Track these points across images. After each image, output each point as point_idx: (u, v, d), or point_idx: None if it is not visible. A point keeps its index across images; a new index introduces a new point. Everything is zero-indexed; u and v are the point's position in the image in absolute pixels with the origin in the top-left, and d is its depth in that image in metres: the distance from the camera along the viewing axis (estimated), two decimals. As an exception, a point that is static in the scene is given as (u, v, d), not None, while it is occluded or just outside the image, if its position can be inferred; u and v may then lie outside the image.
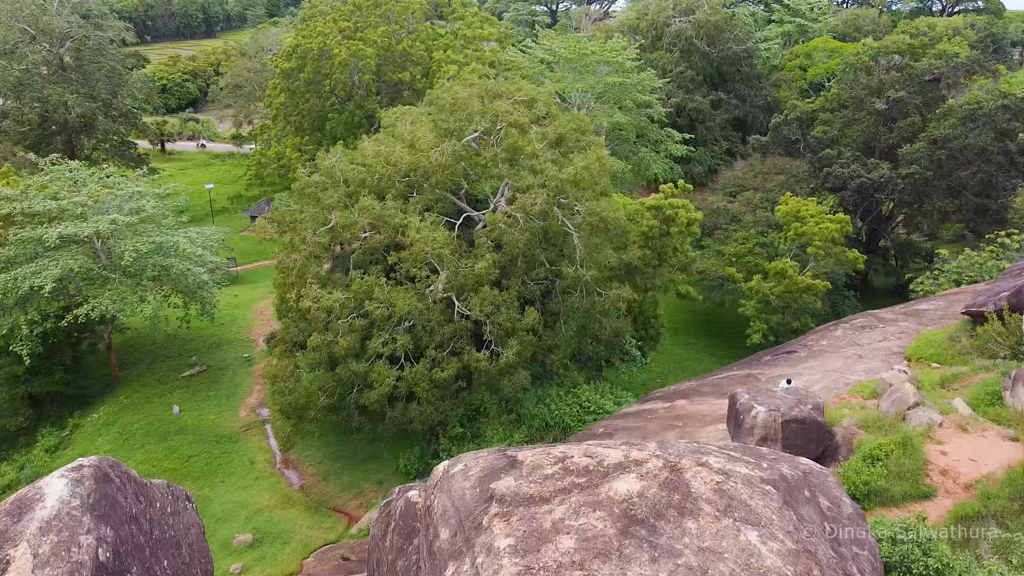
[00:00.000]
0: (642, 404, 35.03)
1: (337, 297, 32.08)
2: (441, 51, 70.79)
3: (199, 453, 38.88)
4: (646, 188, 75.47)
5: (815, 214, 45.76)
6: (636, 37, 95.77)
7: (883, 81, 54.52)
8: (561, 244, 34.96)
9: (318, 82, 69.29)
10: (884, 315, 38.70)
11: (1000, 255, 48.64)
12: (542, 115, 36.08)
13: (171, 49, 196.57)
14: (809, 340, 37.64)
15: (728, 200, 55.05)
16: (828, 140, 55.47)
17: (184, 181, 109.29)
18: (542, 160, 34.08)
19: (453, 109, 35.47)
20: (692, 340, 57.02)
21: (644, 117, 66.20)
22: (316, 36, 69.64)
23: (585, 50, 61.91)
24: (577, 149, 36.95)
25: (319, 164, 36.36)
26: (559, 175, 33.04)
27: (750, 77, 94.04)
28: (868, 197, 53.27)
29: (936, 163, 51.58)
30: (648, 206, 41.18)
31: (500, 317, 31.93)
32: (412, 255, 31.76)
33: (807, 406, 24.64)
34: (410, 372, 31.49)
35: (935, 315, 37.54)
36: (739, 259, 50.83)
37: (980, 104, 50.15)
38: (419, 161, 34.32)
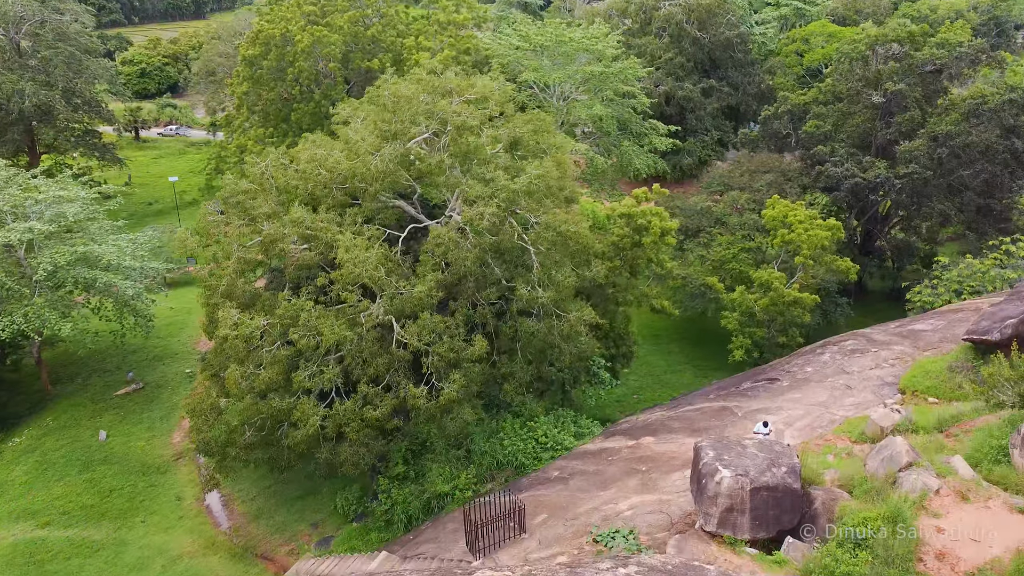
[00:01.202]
0: (605, 439, 31.45)
1: (257, 324, 28.39)
2: (413, 37, 66.62)
3: (122, 486, 35.38)
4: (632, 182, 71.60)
5: (803, 219, 42.00)
6: (625, 21, 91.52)
7: (880, 72, 50.54)
8: (516, 260, 31.24)
9: (282, 70, 65.17)
10: (877, 336, 35.06)
11: (1004, 263, 44.96)
12: (496, 115, 32.22)
13: (158, 31, 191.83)
14: (793, 365, 34.00)
15: (713, 200, 51.23)
16: (821, 136, 51.57)
17: (157, 171, 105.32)
18: (493, 167, 30.29)
19: (396, 108, 31.62)
20: (673, 349, 53.44)
21: (627, 108, 62.18)
22: (279, 21, 65.47)
23: (563, 37, 57.83)
24: (536, 153, 33.14)
25: (247, 170, 32.56)
26: (510, 185, 29.26)
27: (743, 63, 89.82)
28: (863, 198, 49.48)
29: (936, 161, 47.74)
30: (619, 213, 37.41)
31: (442, 347, 28.27)
32: (342, 277, 28.05)
33: (780, 469, 21.07)
34: (339, 410, 27.87)
35: (933, 338, 33.92)
36: (723, 265, 47.12)
37: (985, 98, 46.25)
38: (356, 168, 30.52)
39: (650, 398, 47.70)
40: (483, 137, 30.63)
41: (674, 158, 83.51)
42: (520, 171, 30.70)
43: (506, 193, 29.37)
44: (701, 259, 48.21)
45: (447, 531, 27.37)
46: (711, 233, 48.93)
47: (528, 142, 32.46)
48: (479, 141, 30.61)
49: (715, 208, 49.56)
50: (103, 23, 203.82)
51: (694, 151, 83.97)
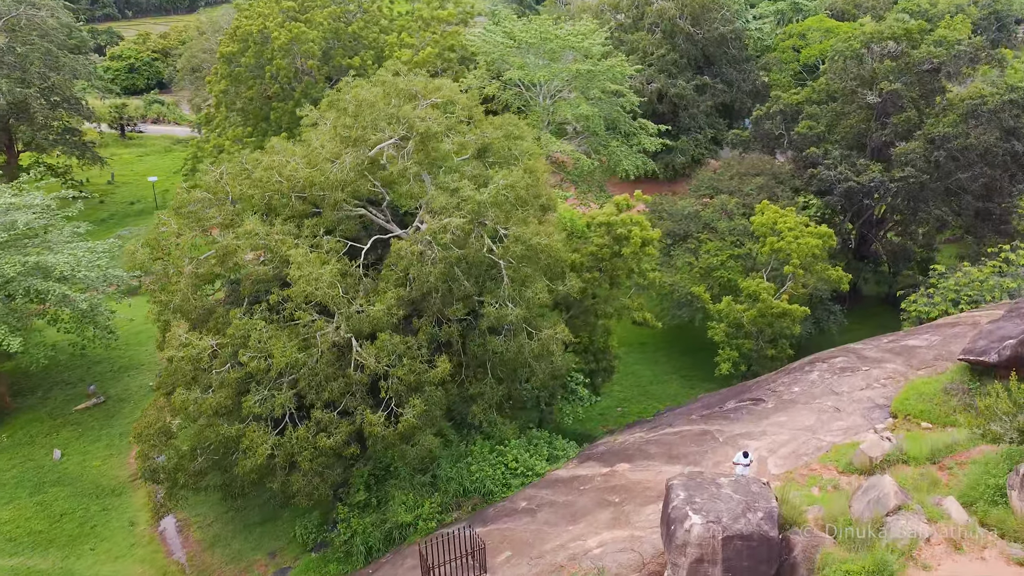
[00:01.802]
0: (579, 465, 29.66)
1: (205, 345, 26.57)
2: (395, 34, 64.70)
3: (74, 510, 33.63)
4: (623, 182, 69.68)
5: (793, 227, 40.12)
6: (617, 16, 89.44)
7: (876, 71, 48.61)
8: (485, 275, 29.41)
9: (260, 68, 63.26)
10: (868, 353, 33.24)
11: (1003, 271, 43.12)
12: (464, 119, 30.34)
13: (151, 25, 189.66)
14: (779, 384, 32.19)
15: (701, 204, 49.33)
16: (814, 137, 49.65)
17: (142, 169, 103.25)
18: (459, 176, 28.44)
19: (357, 113, 29.74)
20: (660, 358, 51.62)
21: (616, 107, 60.22)
22: (257, 17, 63.52)
23: (548, 34, 55.83)
24: (507, 159, 31.27)
25: (200, 178, 30.71)
26: (476, 196, 27.42)
27: (738, 60, 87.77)
28: (857, 202, 47.62)
29: (933, 164, 45.86)
30: (599, 222, 35.54)
31: (402, 369, 26.46)
32: (295, 295, 26.23)
33: (757, 514, 19.24)
34: (291, 437, 26.07)
35: (927, 355, 32.12)
36: (711, 273, 45.28)
37: (984, 98, 44.33)
38: (314, 176, 28.67)
39: (635, 411, 45.92)
40: (448, 144, 28.75)
41: (666, 157, 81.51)
42: (489, 180, 28.87)
43: (472, 204, 27.55)
44: (688, 266, 46.35)
45: (405, 567, 25.65)
46: (699, 239, 47.06)
47: (498, 148, 30.59)
48: (445, 148, 28.75)
49: (703, 212, 47.67)
50: (96, 17, 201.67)
51: (687, 150, 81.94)
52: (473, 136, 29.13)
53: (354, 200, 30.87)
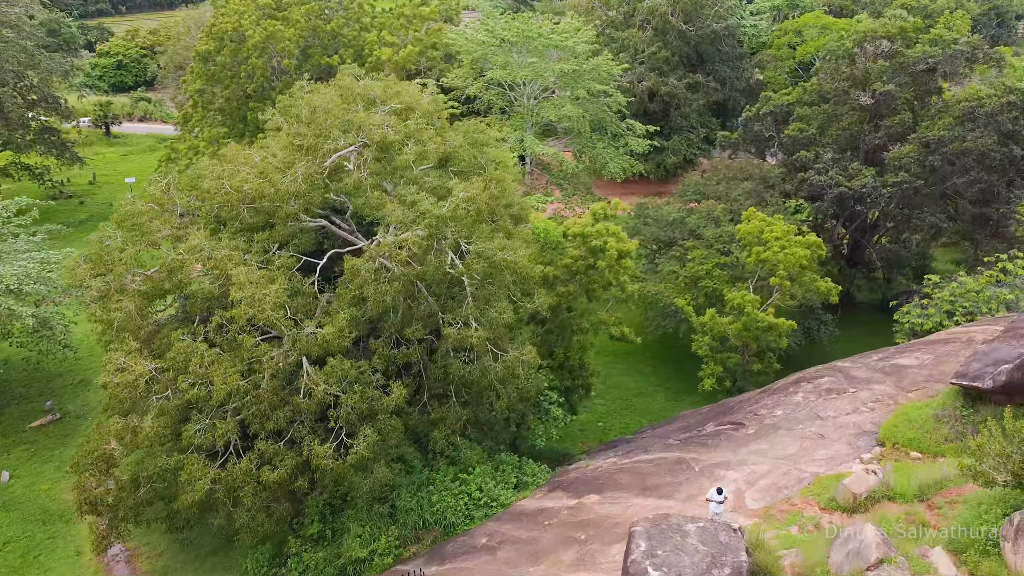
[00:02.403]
0: (547, 494, 27.87)
1: (142, 370, 24.77)
2: (375, 31, 62.79)
3: (18, 537, 31.87)
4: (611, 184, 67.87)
5: (780, 236, 38.27)
6: (608, 12, 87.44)
7: (869, 71, 46.70)
8: (446, 293, 27.59)
9: (237, 66, 61.33)
10: (856, 372, 31.44)
11: (1001, 280, 41.31)
12: (426, 125, 28.47)
13: (145, 20, 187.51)
14: (762, 407, 30.37)
15: (688, 209, 47.44)
16: (805, 140, 47.77)
17: (125, 168, 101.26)
18: (416, 189, 26.60)
19: (311, 120, 27.89)
20: (645, 369, 49.79)
21: (603, 107, 58.32)
22: (232, 15, 61.58)
23: (531, 32, 53.91)
24: (472, 169, 29.43)
25: (147, 189, 28.88)
26: (433, 210, 25.59)
27: (731, 57, 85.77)
28: (849, 208, 45.78)
29: (928, 169, 43.99)
30: (573, 233, 33.71)
31: (353, 397, 24.67)
32: (236, 317, 24.42)
33: (724, 570, 17.52)
34: (232, 471, 24.29)
35: (918, 375, 30.34)
36: (696, 282, 43.43)
37: (981, 100, 42.45)
38: (263, 188, 26.84)
39: (616, 426, 44.14)
40: (407, 152, 26.90)
41: (657, 157, 79.61)
42: (454, 189, 27.02)
43: (430, 219, 25.73)
44: (674, 275, 44.51)
45: (355, 611, 23.90)
46: (685, 246, 45.19)
47: (462, 157, 28.74)
48: (404, 158, 26.90)
49: (689, 219, 45.80)
50: (89, 12, 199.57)
51: (679, 150, 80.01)
52: (434, 144, 27.26)
53: (316, 210, 29.12)
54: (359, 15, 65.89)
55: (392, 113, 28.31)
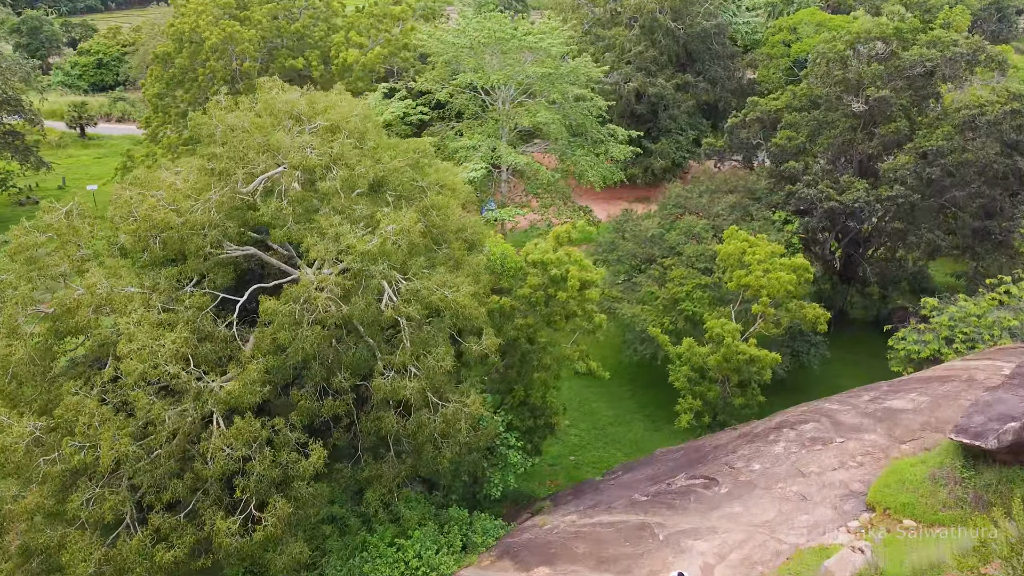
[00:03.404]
0: (494, 563, 24.67)
1: (21, 432, 21.58)
2: (343, 32, 59.48)
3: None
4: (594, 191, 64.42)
5: (764, 258, 35.04)
6: (594, 10, 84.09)
7: (862, 75, 43.40)
8: (380, 337, 24.38)
9: (195, 69, 58.09)
10: (844, 417, 28.28)
11: (1004, 302, 38.14)
12: (355, 146, 25.19)
13: (135, 17, 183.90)
14: (738, 458, 27.17)
15: (667, 225, 44.18)
16: (794, 149, 44.51)
17: (99, 172, 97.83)
18: (340, 221, 23.36)
19: (225, 141, 24.65)
20: (623, 393, 46.60)
21: (582, 112, 55.00)
22: (191, 14, 58.30)
23: (503, 34, 50.60)
24: (413, 194, 26.19)
25: (42, 216, 25.65)
26: (358, 245, 22.40)
27: (722, 56, 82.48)
28: (840, 223, 42.58)
29: (925, 182, 40.76)
30: (532, 260, 30.48)
31: (262, 463, 21.49)
32: (127, 372, 21.24)
33: None
34: (122, 549, 21.12)
35: (914, 422, 27.19)
36: (675, 305, 40.25)
37: (983, 108, 39.18)
38: (170, 219, 23.63)
39: (589, 460, 41.00)
40: (332, 178, 23.66)
41: (645, 160, 76.38)
42: (388, 218, 23.79)
43: (354, 255, 22.54)
44: (651, 296, 41.30)
45: None
46: (664, 264, 41.98)
47: (399, 181, 25.50)
48: (329, 184, 23.67)
49: (668, 235, 42.56)
50: (78, 9, 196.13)
51: (667, 153, 76.78)
52: (365, 167, 24.03)
53: (250, 234, 25.95)
54: (327, 15, 62.57)
55: (320, 131, 25.07)
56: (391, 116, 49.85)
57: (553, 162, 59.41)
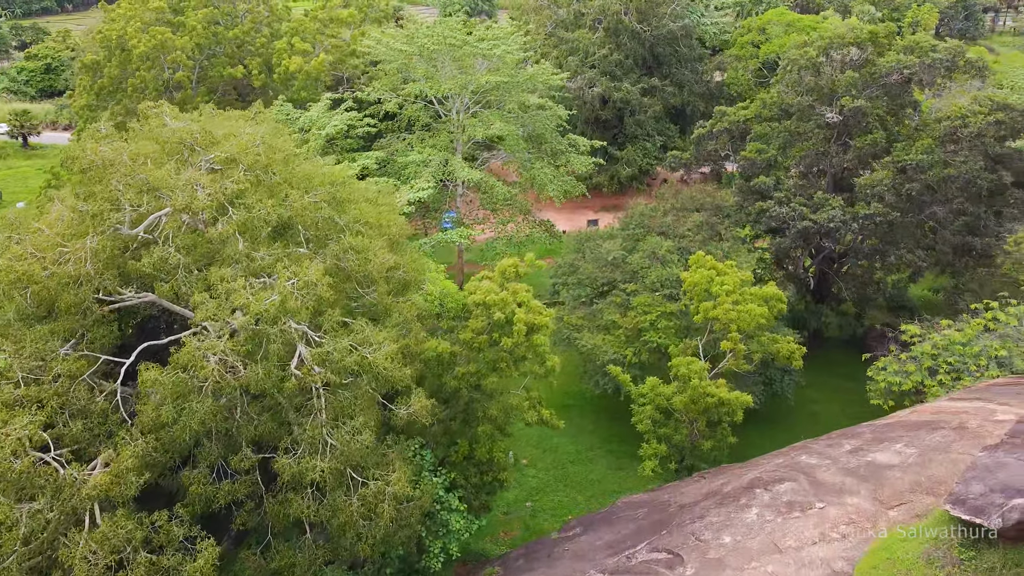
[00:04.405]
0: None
1: None
2: (286, 38, 55.65)
3: None
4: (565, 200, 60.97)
5: (733, 288, 31.94)
6: (558, 11, 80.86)
7: (836, 83, 40.53)
8: (289, 405, 20.86)
9: (125, 80, 54.03)
10: (824, 476, 25.24)
11: (990, 329, 35.43)
12: (255, 182, 21.61)
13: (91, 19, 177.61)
14: (706, 526, 23.98)
15: (630, 244, 40.99)
16: (764, 163, 41.54)
17: (39, 184, 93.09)
18: (235, 273, 19.81)
19: (101, 178, 20.99)
20: (586, 426, 43.38)
21: (541, 122, 51.67)
22: (119, 20, 54.25)
23: (454, 40, 47.13)
24: (331, 235, 22.66)
25: None
26: (253, 304, 18.88)
27: (689, 59, 79.75)
28: (815, 243, 39.69)
29: (904, 198, 37.96)
30: (474, 302, 27.08)
31: (136, 571, 17.90)
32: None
33: None
34: None
35: (901, 482, 24.23)
36: (639, 336, 37.12)
37: (965, 119, 36.44)
38: (33, 271, 19.94)
39: (547, 506, 37.74)
40: (224, 223, 20.08)
41: (611, 168, 73.43)
42: (295, 269, 20.26)
43: (248, 317, 19.02)
44: (614, 325, 38.12)
45: None
46: (626, 291, 38.81)
47: (311, 220, 21.96)
48: (224, 230, 20.09)
49: (631, 258, 39.37)
50: (33, 11, 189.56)
51: (634, 160, 73.86)
52: (267, 207, 20.52)
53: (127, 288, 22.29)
54: (270, 20, 58.72)
55: (218, 164, 21.50)
56: (334, 130, 46.20)
57: (514, 174, 56.13)
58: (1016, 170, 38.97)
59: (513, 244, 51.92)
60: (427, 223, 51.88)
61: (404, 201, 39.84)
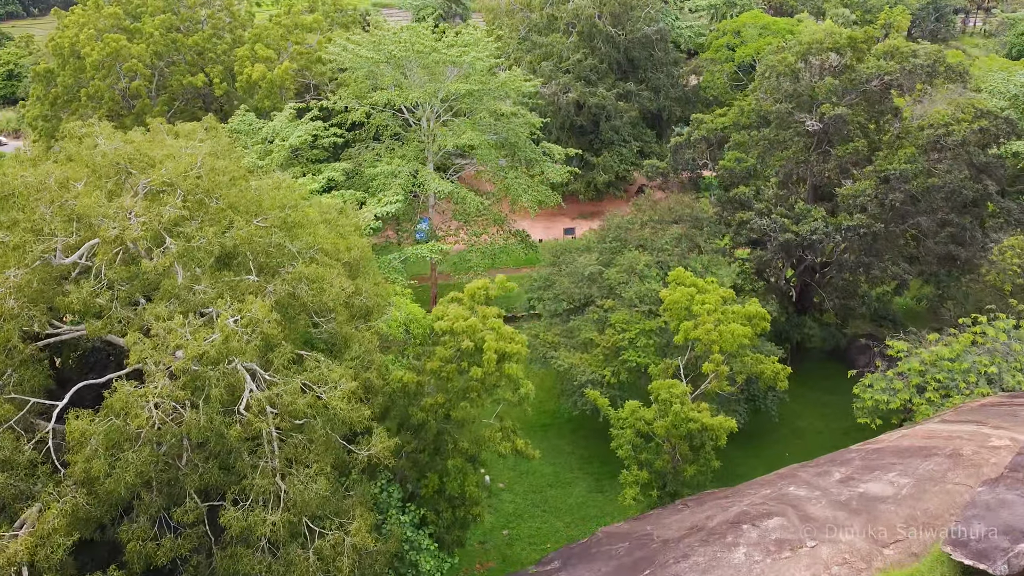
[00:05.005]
0: None
1: None
2: (248, 45, 53.65)
3: None
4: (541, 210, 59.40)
5: (714, 307, 30.55)
6: (530, 15, 79.46)
7: (815, 90, 39.36)
8: (238, 452, 19.07)
9: (79, 89, 51.77)
10: (814, 509, 23.90)
11: (978, 344, 34.37)
12: (193, 210, 19.81)
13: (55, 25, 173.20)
14: (691, 567, 22.53)
15: (607, 259, 39.54)
16: (743, 173, 40.26)
17: None
18: (170, 311, 18.02)
19: (25, 206, 19.10)
20: (564, 447, 41.85)
21: (513, 130, 50.08)
22: (72, 27, 52.00)
23: (423, 47, 45.45)
24: (280, 264, 20.90)
25: None
26: (191, 346, 17.11)
27: (665, 63, 78.62)
28: (796, 255, 38.47)
29: (888, 208, 36.84)
30: (441, 329, 25.43)
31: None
32: None
33: None
34: None
35: (895, 516, 22.92)
36: (617, 355, 35.67)
37: (948, 127, 35.38)
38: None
39: (524, 534, 36.16)
40: (159, 255, 18.26)
41: (588, 175, 72.08)
42: (232, 312, 18.49)
43: (187, 358, 17.24)
44: (590, 344, 36.64)
45: None
46: (603, 307, 37.34)
47: (260, 248, 20.20)
48: (159, 262, 18.27)
49: (608, 273, 37.91)
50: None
51: (610, 166, 72.52)
52: (208, 236, 18.75)
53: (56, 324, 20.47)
54: (232, 26, 56.66)
55: (154, 190, 19.67)
56: (299, 140, 44.32)
57: (488, 183, 54.53)
58: (999, 178, 38.02)
59: (487, 255, 50.36)
60: (400, 235, 50.15)
61: (371, 216, 38.09)
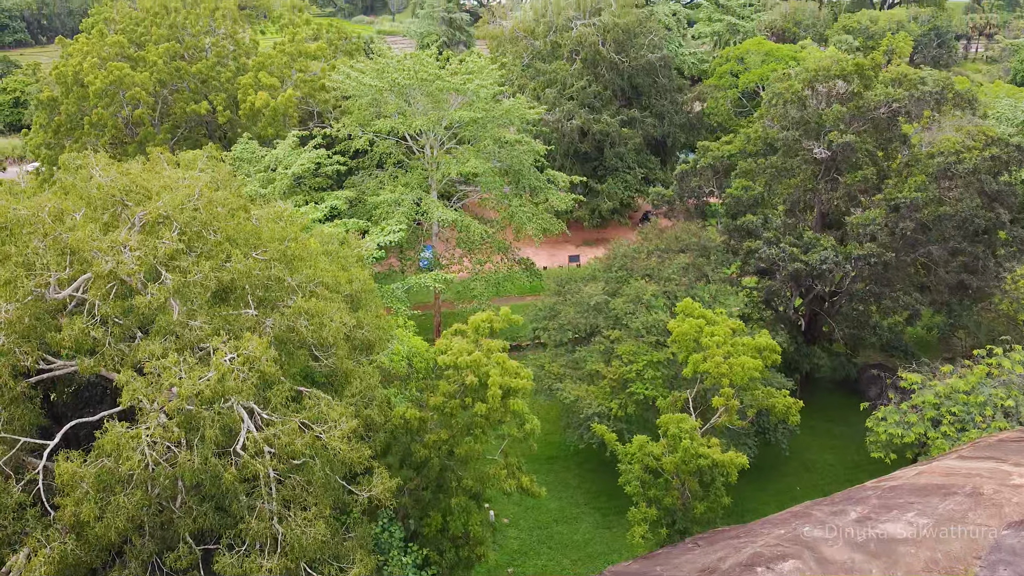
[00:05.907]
0: None
1: None
2: (252, 73, 53.55)
3: None
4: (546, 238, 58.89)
5: (724, 339, 29.88)
6: (534, 43, 79.60)
7: (823, 117, 38.96)
8: (234, 494, 18.38)
9: (82, 118, 51.64)
10: (830, 552, 23.06)
11: (994, 376, 33.60)
12: (200, 236, 19.30)
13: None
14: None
15: (613, 288, 38.93)
16: (750, 201, 39.76)
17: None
18: (165, 348, 17.44)
19: (15, 239, 18.60)
20: (570, 481, 40.96)
21: (517, 158, 49.75)
22: (76, 55, 52.01)
23: (426, 74, 45.27)
24: (278, 299, 20.34)
25: None
26: (184, 386, 16.50)
27: (668, 89, 78.50)
28: (805, 284, 37.82)
29: (899, 237, 36.25)
30: (446, 362, 24.80)
31: None
32: None
33: None
34: None
35: (916, 559, 22.07)
36: (624, 386, 34.94)
37: (959, 155, 34.89)
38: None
39: (530, 572, 35.23)
40: (153, 291, 17.71)
41: (592, 202, 71.71)
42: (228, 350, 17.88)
43: (181, 398, 16.62)
44: (596, 376, 35.93)
45: None
46: (610, 338, 36.67)
47: (258, 280, 19.65)
48: (153, 298, 17.71)
49: (614, 303, 37.28)
50: (6, 44, 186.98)
51: (614, 193, 72.15)
52: (204, 271, 18.20)
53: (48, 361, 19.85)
54: (236, 53, 56.66)
55: (150, 223, 19.18)
56: (301, 168, 44.00)
57: (492, 211, 54.15)
58: (1011, 206, 37.47)
59: (491, 284, 49.80)
60: (403, 263, 49.66)
61: (373, 246, 37.59)
